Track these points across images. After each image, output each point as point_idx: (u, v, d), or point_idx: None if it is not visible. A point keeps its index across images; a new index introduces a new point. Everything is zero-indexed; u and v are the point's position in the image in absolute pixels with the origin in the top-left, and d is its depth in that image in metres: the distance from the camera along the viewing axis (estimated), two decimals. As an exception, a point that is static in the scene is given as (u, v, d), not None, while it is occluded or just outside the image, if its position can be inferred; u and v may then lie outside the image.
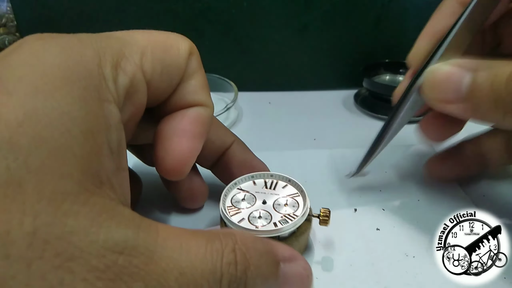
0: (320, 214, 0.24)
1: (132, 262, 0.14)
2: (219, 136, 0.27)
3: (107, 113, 0.17)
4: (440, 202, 0.29)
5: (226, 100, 0.46)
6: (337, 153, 0.36)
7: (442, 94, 0.22)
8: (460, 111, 0.21)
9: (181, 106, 0.23)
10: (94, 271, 0.14)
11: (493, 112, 0.20)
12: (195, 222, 0.28)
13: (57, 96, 0.15)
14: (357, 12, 0.46)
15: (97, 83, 0.17)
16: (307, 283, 0.20)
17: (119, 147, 0.18)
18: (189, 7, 0.45)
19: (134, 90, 0.19)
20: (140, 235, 0.15)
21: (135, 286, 0.14)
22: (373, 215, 0.28)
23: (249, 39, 0.48)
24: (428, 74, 0.22)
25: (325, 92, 0.50)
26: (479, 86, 0.20)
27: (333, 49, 0.49)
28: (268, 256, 0.19)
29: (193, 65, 0.22)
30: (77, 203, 0.14)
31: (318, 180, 0.32)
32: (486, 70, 0.20)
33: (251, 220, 0.23)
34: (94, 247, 0.14)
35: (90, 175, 0.15)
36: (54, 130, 0.15)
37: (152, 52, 0.20)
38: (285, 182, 0.26)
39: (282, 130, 0.41)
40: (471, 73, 0.20)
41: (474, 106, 0.21)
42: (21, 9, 0.47)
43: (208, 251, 0.16)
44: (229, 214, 0.24)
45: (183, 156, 0.22)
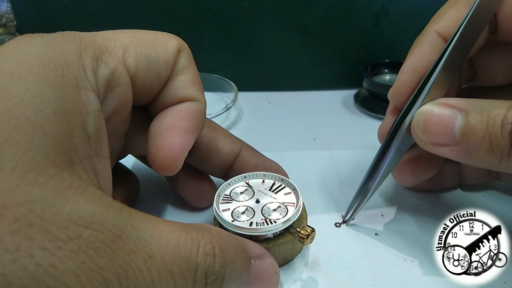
0: (300, 231, 0.23)
1: (98, 237, 0.14)
2: (227, 144, 0.27)
3: (84, 100, 0.17)
4: (440, 207, 0.29)
5: (226, 100, 0.46)
6: (337, 154, 0.36)
7: (434, 137, 0.21)
8: (454, 154, 0.21)
9: (172, 102, 0.23)
10: (55, 240, 0.13)
11: (489, 156, 0.19)
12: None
13: (31, 80, 0.16)
14: (357, 12, 0.46)
15: (75, 72, 0.17)
16: (274, 279, 0.20)
17: (97, 134, 0.18)
18: (189, 7, 0.45)
19: (116, 82, 0.20)
20: (109, 213, 0.15)
21: (100, 262, 0.14)
22: (372, 220, 0.28)
23: (249, 39, 0.48)
24: (418, 116, 0.22)
25: (325, 92, 0.50)
26: (473, 129, 0.19)
27: (333, 49, 0.49)
28: (242, 252, 0.19)
29: (183, 61, 0.23)
30: (44, 176, 0.14)
31: (317, 182, 0.32)
32: (479, 112, 0.19)
33: (234, 213, 0.24)
34: (57, 218, 0.14)
35: (60, 152, 0.15)
36: (25, 108, 0.15)
37: (136, 48, 0.21)
38: (290, 189, 0.26)
39: (282, 130, 0.41)
40: (463, 115, 0.20)
41: (469, 149, 0.20)
42: (21, 9, 0.47)
43: (183, 238, 0.16)
44: (219, 202, 0.25)
45: (174, 151, 0.22)
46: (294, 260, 0.25)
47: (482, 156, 0.19)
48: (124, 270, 0.14)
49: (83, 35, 0.19)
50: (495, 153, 0.19)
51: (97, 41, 0.19)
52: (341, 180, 0.32)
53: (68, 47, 0.18)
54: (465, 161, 0.21)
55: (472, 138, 0.19)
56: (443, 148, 0.21)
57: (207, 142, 0.26)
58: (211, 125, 0.27)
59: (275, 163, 0.28)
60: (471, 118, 0.20)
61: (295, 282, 0.23)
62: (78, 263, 0.14)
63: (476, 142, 0.19)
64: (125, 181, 0.28)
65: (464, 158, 0.20)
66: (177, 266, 0.16)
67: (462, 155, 0.20)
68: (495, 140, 0.19)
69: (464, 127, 0.20)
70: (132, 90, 0.21)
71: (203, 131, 0.26)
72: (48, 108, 0.15)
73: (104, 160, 0.19)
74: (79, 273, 0.13)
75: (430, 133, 0.21)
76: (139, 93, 0.21)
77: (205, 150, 0.26)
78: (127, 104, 0.21)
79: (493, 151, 0.19)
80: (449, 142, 0.20)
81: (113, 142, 0.22)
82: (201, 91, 0.23)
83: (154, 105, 0.23)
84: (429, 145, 0.21)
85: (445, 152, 0.21)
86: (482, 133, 0.19)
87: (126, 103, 0.21)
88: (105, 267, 0.14)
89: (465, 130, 0.20)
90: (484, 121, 0.19)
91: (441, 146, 0.21)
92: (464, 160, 0.21)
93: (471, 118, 0.20)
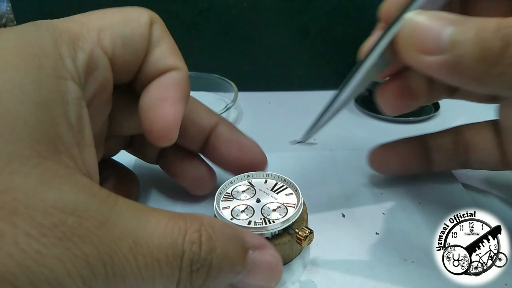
0: (298, 232, 0.23)
1: (83, 224, 0.14)
2: (203, 116, 0.27)
3: (63, 89, 0.17)
4: (442, 205, 0.28)
5: (226, 100, 0.46)
6: (338, 154, 0.35)
7: (420, 43, 0.19)
8: (439, 65, 0.19)
9: (155, 74, 0.23)
10: (39, 227, 0.13)
11: (478, 65, 0.18)
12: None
13: (9, 72, 0.16)
14: (357, 12, 0.46)
15: (52, 62, 0.17)
16: (275, 271, 0.20)
17: (79, 123, 0.18)
18: (189, 7, 0.45)
19: (95, 66, 0.20)
20: (93, 201, 0.15)
21: (85, 248, 0.14)
22: (373, 219, 0.28)
23: (249, 39, 0.48)
24: (405, 22, 0.20)
25: (325, 92, 0.50)
26: (464, 34, 0.18)
27: (333, 49, 0.49)
28: (236, 242, 0.19)
29: (157, 32, 0.23)
30: (27, 165, 0.14)
31: (318, 182, 0.32)
32: (471, 22, 0.18)
33: (234, 211, 0.24)
34: (41, 205, 0.14)
35: (44, 142, 0.15)
36: (4, 100, 0.15)
37: (109, 28, 0.21)
38: (291, 190, 0.26)
39: (282, 130, 0.41)
40: (454, 24, 0.19)
41: (456, 58, 0.18)
42: (21, 9, 0.47)
43: (169, 227, 0.16)
44: (220, 200, 0.25)
45: (168, 122, 0.22)
46: (293, 260, 0.25)
47: (470, 64, 0.18)
48: (109, 256, 0.15)
49: (55, 23, 0.19)
50: (485, 60, 0.18)
51: (70, 27, 0.19)
52: (342, 180, 0.32)
53: (43, 36, 0.18)
54: (450, 73, 0.19)
55: (461, 45, 0.18)
56: (429, 58, 0.19)
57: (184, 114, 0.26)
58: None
59: (250, 140, 0.28)
60: (462, 25, 0.19)
61: (294, 283, 0.23)
62: (63, 249, 0.14)
63: (465, 48, 0.18)
64: (125, 180, 0.28)
65: (449, 70, 0.19)
66: (163, 253, 0.16)
67: (448, 66, 0.19)
68: (486, 44, 0.18)
69: (454, 33, 0.18)
70: (112, 71, 0.21)
71: None
72: (28, 99, 0.15)
73: (88, 148, 0.19)
74: (64, 259, 0.14)
75: (416, 38, 0.20)
76: (120, 71, 0.22)
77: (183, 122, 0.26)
78: (108, 86, 0.21)
79: (483, 57, 0.18)
80: (436, 50, 0.19)
81: (97, 125, 0.22)
82: (181, 59, 0.23)
83: (137, 81, 0.23)
84: (414, 53, 0.20)
85: (429, 63, 0.19)
86: (473, 39, 0.18)
87: (106, 85, 0.21)
88: (90, 253, 0.14)
89: (454, 37, 0.18)
90: (476, 27, 0.18)
91: (427, 54, 0.19)
92: (448, 73, 0.19)
93: (462, 26, 0.19)
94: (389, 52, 0.22)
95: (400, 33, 0.21)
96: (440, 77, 0.20)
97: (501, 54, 0.17)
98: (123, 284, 0.15)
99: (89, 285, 0.14)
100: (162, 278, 0.16)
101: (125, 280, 0.15)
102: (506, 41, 0.17)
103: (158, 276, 0.16)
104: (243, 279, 0.19)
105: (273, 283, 0.20)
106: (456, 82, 0.20)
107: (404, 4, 0.22)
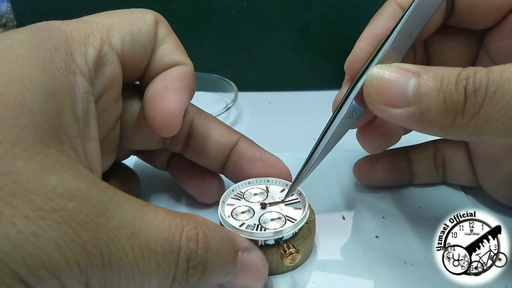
0: (283, 248, 0.22)
1: (82, 211, 0.14)
2: (223, 134, 0.27)
3: (72, 82, 0.18)
4: (442, 209, 0.28)
5: (226, 100, 0.46)
6: (338, 155, 0.35)
7: (386, 97, 0.20)
8: (406, 117, 0.20)
9: (161, 70, 0.24)
10: (38, 210, 0.14)
11: (442, 116, 0.18)
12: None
13: (20, 62, 0.16)
14: (357, 12, 0.46)
15: (63, 57, 0.18)
16: (262, 273, 0.21)
17: (85, 116, 0.18)
18: (189, 7, 0.45)
19: (104, 62, 0.20)
20: (94, 189, 0.15)
21: (83, 234, 0.14)
22: (373, 222, 0.27)
23: (249, 39, 0.48)
24: (372, 77, 0.21)
25: (325, 92, 0.50)
26: (426, 88, 0.19)
27: (333, 49, 0.49)
28: (228, 243, 0.19)
29: (163, 31, 0.24)
30: (30, 151, 0.14)
31: (318, 183, 0.32)
32: (433, 74, 0.19)
33: (235, 211, 0.24)
34: (41, 189, 0.14)
35: (48, 130, 0.16)
36: (12, 87, 0.15)
37: (118, 27, 0.21)
38: (301, 206, 0.25)
39: (282, 130, 0.41)
40: (417, 76, 0.19)
41: (421, 110, 0.19)
42: (21, 9, 0.47)
43: (167, 222, 0.17)
44: (230, 196, 0.25)
45: (172, 110, 0.22)
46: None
47: (436, 116, 0.19)
48: (107, 245, 0.15)
49: (66, 23, 0.20)
50: (449, 111, 0.18)
51: (80, 26, 0.20)
52: (342, 182, 0.32)
53: (54, 34, 0.18)
54: (417, 124, 0.20)
55: (425, 97, 0.19)
56: (396, 111, 0.20)
57: (203, 132, 0.26)
58: (206, 116, 0.27)
59: (273, 156, 0.27)
60: (425, 78, 0.19)
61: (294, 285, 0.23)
62: (61, 234, 0.14)
63: (429, 101, 0.19)
64: (125, 179, 0.28)
65: (416, 121, 0.20)
66: (160, 246, 0.16)
67: (415, 117, 0.19)
68: (449, 96, 0.18)
69: (418, 87, 0.19)
70: (121, 68, 0.22)
71: (199, 122, 0.26)
72: (36, 88, 0.16)
73: (93, 142, 0.19)
74: (61, 243, 0.14)
75: (382, 93, 0.20)
76: (128, 68, 0.22)
77: (201, 140, 0.26)
78: (117, 82, 0.22)
79: (447, 109, 0.18)
80: (402, 103, 0.20)
81: (107, 126, 0.23)
82: (186, 55, 0.24)
83: (145, 78, 0.24)
84: (381, 107, 0.21)
85: (397, 115, 0.20)
86: (435, 91, 0.19)
87: (115, 81, 0.22)
88: (88, 240, 0.14)
89: (418, 89, 0.19)
90: (438, 80, 0.19)
91: (393, 107, 0.20)
92: (416, 124, 0.20)
93: (424, 78, 0.19)
94: (359, 104, 0.23)
95: (366, 87, 0.21)
96: (409, 127, 0.21)
97: (463, 106, 0.18)
98: (119, 274, 0.15)
99: (85, 274, 0.14)
100: (158, 272, 0.16)
101: (121, 270, 0.15)
102: (466, 92, 0.18)
103: (154, 269, 0.16)
104: (230, 279, 0.19)
105: (258, 284, 0.20)
106: (425, 132, 0.20)
107: (368, 58, 0.23)
